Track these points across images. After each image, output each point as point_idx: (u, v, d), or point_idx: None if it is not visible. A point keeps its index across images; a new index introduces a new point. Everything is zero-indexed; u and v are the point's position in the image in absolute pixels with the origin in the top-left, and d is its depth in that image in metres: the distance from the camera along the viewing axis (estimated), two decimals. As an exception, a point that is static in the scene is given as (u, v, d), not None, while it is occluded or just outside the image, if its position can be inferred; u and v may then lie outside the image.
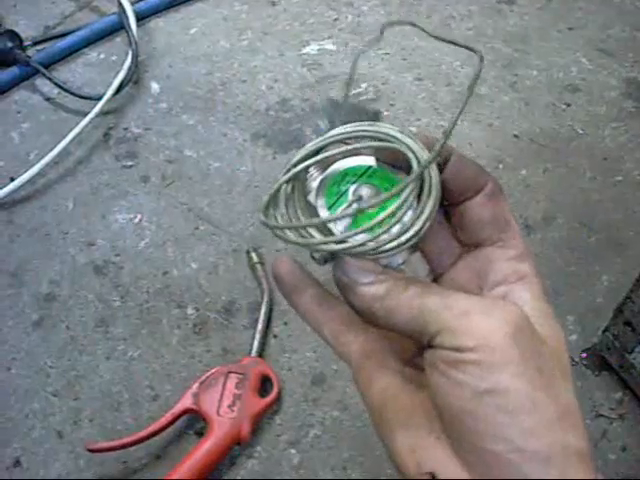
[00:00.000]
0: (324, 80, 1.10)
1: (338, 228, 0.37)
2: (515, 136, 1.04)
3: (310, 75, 1.12)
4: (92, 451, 0.77)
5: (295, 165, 0.37)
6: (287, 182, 0.37)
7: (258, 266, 0.91)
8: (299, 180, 0.38)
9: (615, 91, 1.10)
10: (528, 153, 1.03)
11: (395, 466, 0.36)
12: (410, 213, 0.35)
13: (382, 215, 0.34)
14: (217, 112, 1.07)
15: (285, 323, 0.88)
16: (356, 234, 0.35)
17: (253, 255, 0.91)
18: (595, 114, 1.07)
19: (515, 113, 1.07)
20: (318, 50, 1.16)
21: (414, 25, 0.40)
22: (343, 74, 1.11)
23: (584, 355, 0.86)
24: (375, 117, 1.05)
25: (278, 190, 0.37)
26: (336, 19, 1.21)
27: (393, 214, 0.34)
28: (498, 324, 0.33)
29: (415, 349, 0.39)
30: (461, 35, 1.17)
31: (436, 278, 0.41)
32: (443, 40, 0.37)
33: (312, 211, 0.38)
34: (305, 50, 1.16)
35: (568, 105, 1.08)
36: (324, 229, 0.37)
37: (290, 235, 0.37)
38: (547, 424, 0.32)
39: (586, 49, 1.17)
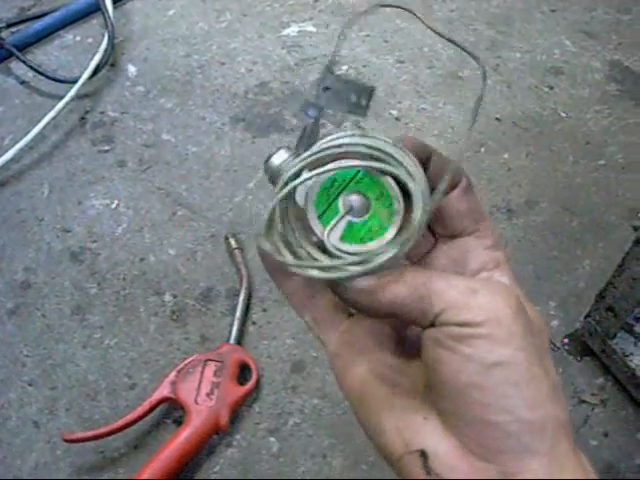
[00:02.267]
0: (304, 62, 1.09)
1: (331, 241, 0.37)
2: (497, 119, 1.03)
3: (290, 57, 1.10)
4: (69, 441, 0.76)
5: (288, 181, 0.36)
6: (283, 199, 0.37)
7: (237, 252, 0.89)
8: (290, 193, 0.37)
9: (599, 74, 1.09)
10: (510, 137, 1.02)
11: (379, 448, 0.37)
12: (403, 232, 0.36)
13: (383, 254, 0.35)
14: (195, 95, 1.05)
15: (264, 310, 0.87)
16: (350, 264, 0.35)
17: (232, 241, 0.90)
18: (578, 97, 1.07)
19: (497, 96, 1.06)
20: (298, 32, 1.14)
21: (409, 11, 0.38)
22: (323, 56, 1.10)
23: (566, 341, 0.86)
24: (370, 94, 1.03)
25: (273, 210, 0.37)
26: (317, 0, 1.19)
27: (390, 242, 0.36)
28: (503, 301, 0.34)
29: (396, 336, 0.40)
30: (444, 17, 1.16)
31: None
32: (443, 37, 0.36)
33: (304, 220, 0.37)
34: (285, 32, 1.14)
35: (551, 88, 1.07)
36: (319, 243, 0.37)
37: (288, 258, 0.37)
38: (543, 397, 0.34)
39: (569, 31, 1.16)
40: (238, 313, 0.85)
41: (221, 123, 1.03)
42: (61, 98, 1.01)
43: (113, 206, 0.95)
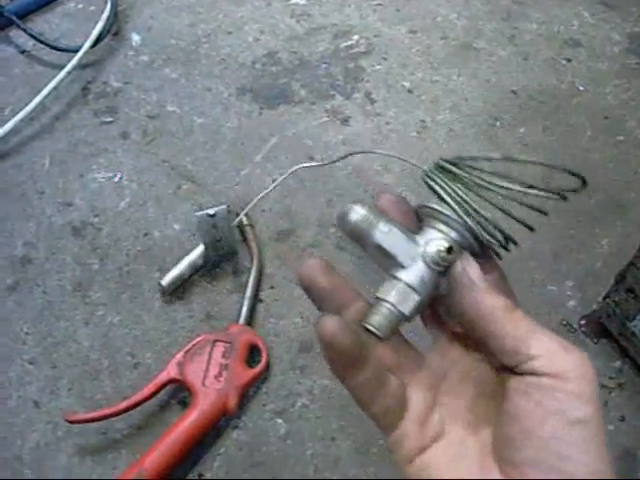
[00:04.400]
0: (314, 32, 1.05)
1: None
2: (513, 92, 1.00)
3: (299, 26, 1.07)
4: (71, 422, 0.74)
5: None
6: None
7: (248, 228, 0.86)
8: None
9: (618, 46, 1.06)
10: (526, 110, 0.98)
11: None
12: None
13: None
14: (201, 65, 1.02)
15: (271, 287, 0.84)
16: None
17: (243, 217, 0.87)
18: (597, 70, 1.03)
19: (513, 68, 1.02)
20: (307, 0, 1.10)
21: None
22: (333, 25, 1.06)
23: (583, 322, 0.83)
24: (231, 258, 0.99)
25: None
26: (326, -32, 1.15)
27: None
28: (589, 363, 0.37)
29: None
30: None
31: None
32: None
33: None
34: (294, 0, 1.11)
35: (569, 60, 1.03)
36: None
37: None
38: (605, 454, 0.37)
39: (588, 2, 1.12)
40: (248, 292, 0.82)
41: (228, 94, 0.99)
42: (62, 68, 0.98)
43: (116, 179, 0.92)
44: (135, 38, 1.05)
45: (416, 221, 0.43)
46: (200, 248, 0.83)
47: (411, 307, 0.40)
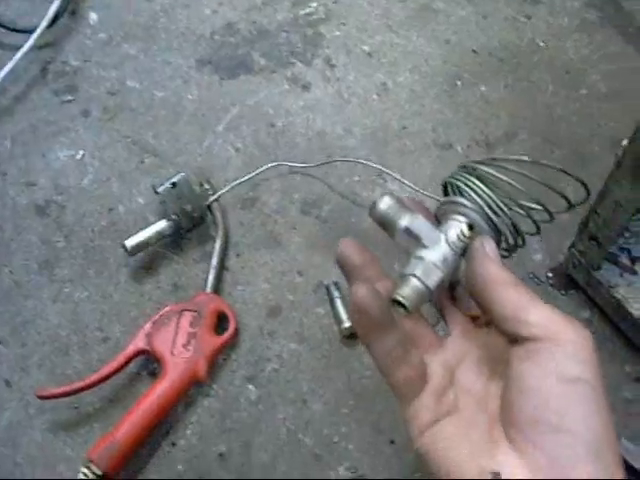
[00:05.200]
0: (271, 1, 1.04)
1: None
2: (473, 51, 0.99)
3: (257, -3, 1.06)
4: (42, 398, 0.74)
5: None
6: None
7: (212, 198, 0.86)
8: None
9: (578, 1, 1.05)
10: (487, 68, 0.98)
11: (451, 476, 0.40)
12: None
13: None
14: (160, 40, 1.01)
15: (237, 255, 0.84)
16: None
17: (207, 187, 0.86)
18: (557, 26, 1.03)
19: (473, 27, 1.02)
20: (265, -30, 1.10)
21: None
22: (291, -7, 1.05)
23: (550, 274, 0.83)
24: (202, 215, 0.99)
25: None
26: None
27: None
28: (589, 335, 0.40)
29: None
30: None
31: None
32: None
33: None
34: (251, -29, 1.10)
35: (528, 17, 1.03)
36: None
37: None
38: (607, 421, 0.38)
39: (547, -41, 1.11)
40: (214, 261, 0.82)
41: (187, 66, 0.99)
42: (19, 49, 0.97)
43: (78, 157, 0.92)
44: (93, 16, 1.04)
45: (435, 222, 0.49)
46: (163, 221, 0.83)
47: (435, 281, 0.45)
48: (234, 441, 0.74)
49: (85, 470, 0.69)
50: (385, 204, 0.47)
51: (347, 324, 0.78)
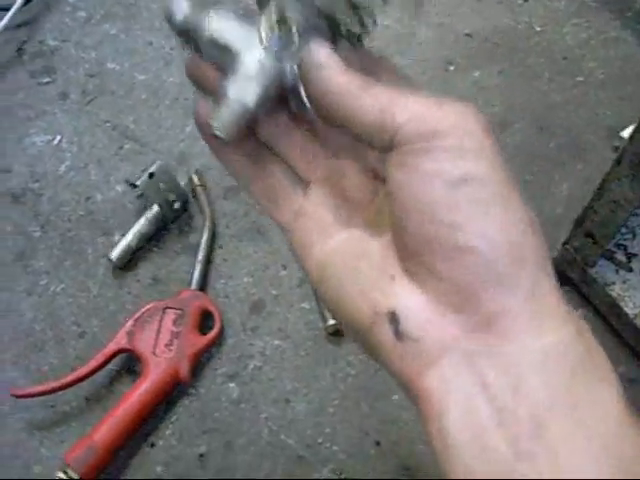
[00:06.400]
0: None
1: None
2: (467, 35, 0.96)
3: (243, -26, 1.02)
4: (18, 397, 0.72)
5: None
6: None
7: (200, 189, 0.83)
8: None
9: (576, -16, 1.02)
10: (482, 53, 0.95)
11: (347, 323, 0.34)
12: None
13: None
14: (141, 19, 0.97)
15: (220, 247, 0.81)
16: None
17: (194, 177, 0.83)
18: (554, 9, 0.99)
19: (467, 10, 0.98)
20: (251, -54, 1.06)
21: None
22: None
23: (543, 269, 0.81)
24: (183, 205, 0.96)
25: None
26: None
27: None
28: (473, 115, 0.31)
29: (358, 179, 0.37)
30: None
31: None
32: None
33: None
34: (237, -53, 1.06)
35: (525, 0, 1.00)
36: None
37: None
38: (518, 221, 0.30)
39: (544, -62, 1.08)
40: (200, 256, 0.79)
41: (169, 47, 0.95)
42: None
43: (55, 142, 0.88)
44: (71, -7, 1.00)
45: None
46: (143, 219, 0.80)
47: (254, 98, 0.35)
48: (215, 441, 0.72)
49: (61, 474, 0.67)
50: (181, 11, 0.36)
51: (332, 321, 0.75)
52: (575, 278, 0.78)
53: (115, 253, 0.78)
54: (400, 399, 0.73)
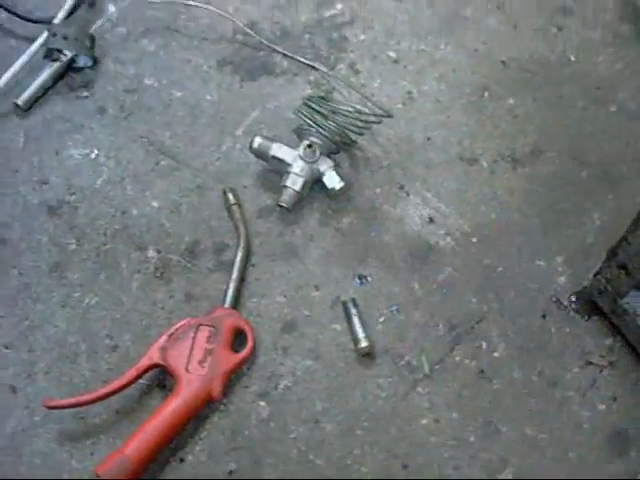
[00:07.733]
0: (296, 0, 1.01)
1: None
2: (502, 62, 0.97)
3: (281, -5, 1.03)
4: (50, 407, 0.72)
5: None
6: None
7: (235, 208, 0.84)
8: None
9: (610, 14, 1.02)
10: (516, 81, 0.95)
11: None
12: None
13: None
14: (180, 37, 0.99)
15: (253, 265, 0.82)
16: None
17: (230, 196, 0.84)
18: (589, 39, 1.00)
19: (502, 37, 0.99)
20: (290, -32, 1.07)
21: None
22: (316, -6, 1.03)
23: (574, 299, 0.81)
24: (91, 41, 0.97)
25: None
26: None
27: None
28: None
29: None
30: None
31: None
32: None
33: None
34: (276, -32, 1.07)
35: (560, 29, 1.00)
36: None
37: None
38: None
39: (580, -32, 1.08)
40: (234, 274, 0.80)
41: (207, 66, 0.96)
42: (35, 40, 0.94)
43: (93, 156, 0.89)
44: (111, 9, 1.01)
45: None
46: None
47: (300, 184, 0.83)
48: (244, 459, 0.72)
49: (92, 486, 0.67)
50: (257, 143, 0.84)
51: (364, 343, 0.75)
52: (605, 308, 0.78)
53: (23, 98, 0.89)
54: (429, 423, 0.74)
